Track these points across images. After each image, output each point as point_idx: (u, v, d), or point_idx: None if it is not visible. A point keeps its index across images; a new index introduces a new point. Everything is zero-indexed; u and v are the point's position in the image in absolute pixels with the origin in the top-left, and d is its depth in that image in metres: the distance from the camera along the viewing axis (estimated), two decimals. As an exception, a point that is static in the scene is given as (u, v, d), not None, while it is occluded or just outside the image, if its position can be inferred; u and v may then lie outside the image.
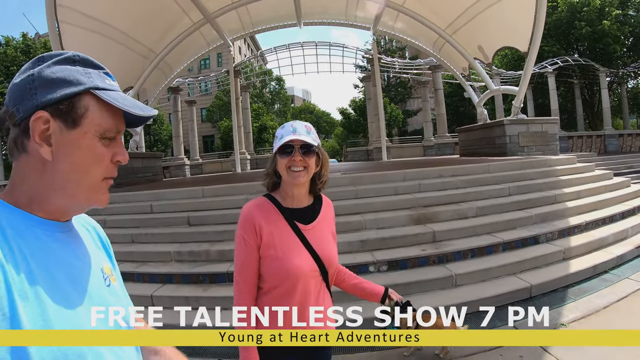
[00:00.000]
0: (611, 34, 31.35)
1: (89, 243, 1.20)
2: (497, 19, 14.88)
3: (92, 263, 1.14)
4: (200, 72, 50.66)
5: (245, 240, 2.04)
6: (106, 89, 1.06)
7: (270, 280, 2.04)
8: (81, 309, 1.00)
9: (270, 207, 2.13)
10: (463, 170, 9.69)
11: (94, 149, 1.04)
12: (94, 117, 1.03)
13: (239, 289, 2.04)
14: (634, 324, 4.88)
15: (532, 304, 5.65)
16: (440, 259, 6.50)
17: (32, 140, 0.98)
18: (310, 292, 2.08)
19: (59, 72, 1.00)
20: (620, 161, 22.21)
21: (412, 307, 2.24)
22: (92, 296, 1.05)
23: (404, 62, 32.87)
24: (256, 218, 2.06)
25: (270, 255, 2.03)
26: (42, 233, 1.01)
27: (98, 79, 1.06)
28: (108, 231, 5.36)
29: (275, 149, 2.04)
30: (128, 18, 14.71)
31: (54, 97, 0.98)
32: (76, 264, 1.06)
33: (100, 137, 1.05)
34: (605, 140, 27.71)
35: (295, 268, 2.01)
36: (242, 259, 2.05)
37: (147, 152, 25.21)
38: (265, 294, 2.06)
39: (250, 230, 2.04)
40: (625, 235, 7.87)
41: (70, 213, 1.12)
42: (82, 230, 1.21)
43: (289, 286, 2.02)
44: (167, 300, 6.17)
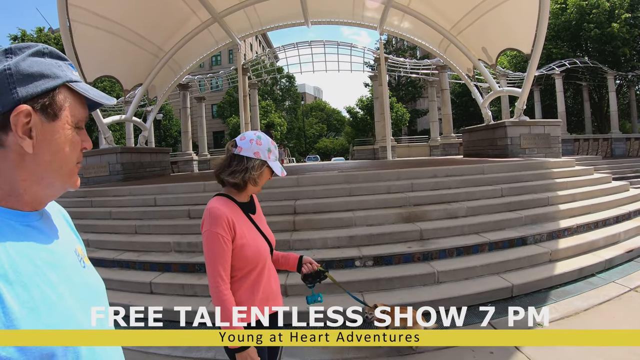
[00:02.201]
0: (620, 37, 31.05)
1: (61, 227, 1.22)
2: (501, 21, 14.87)
3: (67, 246, 1.18)
4: (212, 69, 51.01)
5: (222, 236, 2.29)
6: (77, 80, 1.11)
7: (245, 266, 2.37)
8: (64, 291, 1.02)
9: (232, 204, 2.47)
10: (457, 170, 9.75)
11: (72, 139, 1.09)
12: (70, 109, 1.08)
13: (222, 280, 2.28)
14: (611, 326, 4.94)
15: (512, 303, 5.73)
16: (425, 257, 6.61)
17: (12, 134, 0.99)
18: (270, 270, 2.57)
19: (36, 66, 1.02)
20: (626, 165, 21.99)
21: (326, 275, 2.70)
22: (71, 278, 1.08)
23: (413, 62, 32.79)
24: (228, 215, 2.35)
25: (244, 244, 2.36)
26: (18, 224, 1.03)
27: (69, 71, 1.09)
28: (113, 222, 5.74)
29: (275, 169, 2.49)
30: (138, 17, 14.93)
31: (36, 91, 1.01)
32: (53, 249, 1.08)
33: (74, 127, 1.10)
34: (612, 144, 27.52)
35: (263, 250, 2.47)
36: (220, 253, 2.29)
37: (156, 147, 25.44)
38: (239, 280, 2.39)
39: (225, 227, 2.31)
40: (617, 239, 7.87)
41: (46, 200, 1.15)
42: (52, 215, 1.23)
43: (261, 266, 2.44)
44: (164, 287, 6.53)
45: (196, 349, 4.93)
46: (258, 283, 2.43)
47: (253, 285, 2.41)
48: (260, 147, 2.43)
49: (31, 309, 0.91)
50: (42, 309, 0.93)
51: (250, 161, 2.41)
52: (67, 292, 1.03)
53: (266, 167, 2.46)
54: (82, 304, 1.08)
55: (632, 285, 6.15)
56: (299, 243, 6.91)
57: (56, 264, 1.05)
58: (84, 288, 1.13)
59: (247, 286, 2.40)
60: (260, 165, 2.44)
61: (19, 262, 0.94)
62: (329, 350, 4.71)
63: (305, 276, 2.67)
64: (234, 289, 2.35)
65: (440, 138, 28.96)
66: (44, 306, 0.94)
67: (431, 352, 4.53)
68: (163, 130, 46.54)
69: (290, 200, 8.42)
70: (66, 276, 1.07)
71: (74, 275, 1.11)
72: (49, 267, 1.02)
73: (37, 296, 0.94)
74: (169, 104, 43.19)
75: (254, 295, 2.40)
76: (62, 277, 1.05)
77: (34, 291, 0.93)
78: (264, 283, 2.45)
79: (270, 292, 2.50)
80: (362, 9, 19.94)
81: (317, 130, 69.99)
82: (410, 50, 52.81)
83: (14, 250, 0.95)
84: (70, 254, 1.17)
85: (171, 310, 5.89)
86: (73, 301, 1.04)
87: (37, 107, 1.01)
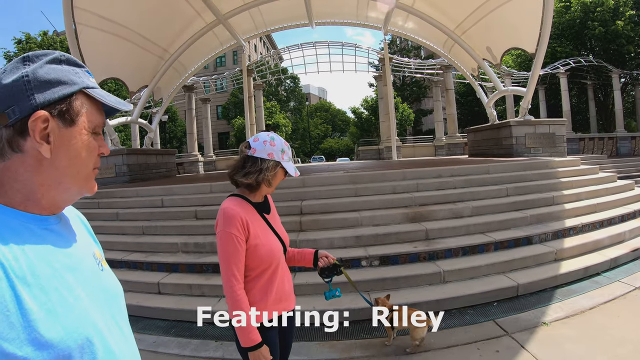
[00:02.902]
0: (625, 35, 31.06)
1: (79, 231, 1.24)
2: (505, 20, 14.88)
3: (85, 250, 1.19)
4: (216, 70, 51.13)
5: (236, 236, 2.33)
6: (94, 87, 1.12)
7: (258, 265, 2.42)
8: (82, 293, 1.04)
9: (246, 204, 2.51)
10: (462, 170, 9.77)
11: (88, 144, 1.11)
12: (87, 115, 1.10)
13: (236, 279, 2.34)
14: (617, 325, 4.96)
15: (518, 302, 5.78)
16: (431, 256, 6.64)
17: (30, 140, 1.00)
18: (284, 270, 2.61)
19: (53, 73, 1.04)
20: (632, 164, 22.03)
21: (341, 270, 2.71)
22: (89, 281, 1.10)
23: (417, 62, 32.78)
24: (242, 216, 2.38)
25: (258, 244, 2.39)
26: (37, 227, 1.05)
27: (85, 78, 1.11)
28: (120, 223, 5.80)
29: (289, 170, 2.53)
30: (143, 20, 15.01)
31: (53, 97, 1.02)
32: (71, 252, 1.10)
33: (91, 132, 1.12)
34: (617, 143, 27.49)
35: (276, 249, 2.49)
36: (234, 252, 2.34)
37: (162, 149, 25.49)
38: (253, 280, 2.44)
39: (239, 227, 2.34)
40: (623, 238, 7.89)
41: (63, 205, 1.16)
42: (70, 219, 1.24)
43: (274, 266, 2.48)
44: (172, 287, 6.60)
45: (204, 348, 5.00)
46: (271, 283, 2.47)
47: (266, 284, 2.45)
48: (274, 148, 2.45)
49: (49, 311, 0.92)
50: (60, 310, 0.95)
51: (264, 162, 2.44)
52: (85, 295, 1.05)
53: (280, 168, 2.49)
54: (99, 307, 1.10)
55: (637, 284, 6.16)
56: (306, 243, 6.90)
57: (74, 267, 1.07)
58: (102, 291, 1.15)
59: (260, 286, 2.44)
60: (274, 166, 2.47)
61: (37, 265, 0.96)
62: (336, 348, 4.75)
63: (322, 270, 2.69)
64: (248, 288, 2.41)
65: (445, 138, 28.92)
66: (61, 308, 0.96)
67: (437, 351, 4.57)
68: (168, 132, 46.67)
69: (296, 200, 8.46)
70: (84, 279, 1.09)
71: (91, 278, 1.13)
72: (66, 269, 1.04)
73: (54, 298, 0.95)
74: (174, 106, 43.30)
75: (267, 295, 2.44)
76: (80, 279, 1.07)
77: (52, 293, 0.95)
78: (277, 283, 2.49)
79: (283, 292, 2.54)
80: (366, 9, 19.95)
81: (322, 131, 70.12)
82: (414, 50, 52.77)
83: (32, 253, 0.97)
84: (88, 257, 1.18)
85: (180, 310, 5.99)
86: (90, 303, 1.06)
87: (55, 113, 1.03)
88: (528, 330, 4.93)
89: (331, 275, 2.69)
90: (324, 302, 2.86)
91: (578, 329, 4.91)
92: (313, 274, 5.98)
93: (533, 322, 5.14)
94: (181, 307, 6.02)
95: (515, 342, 4.62)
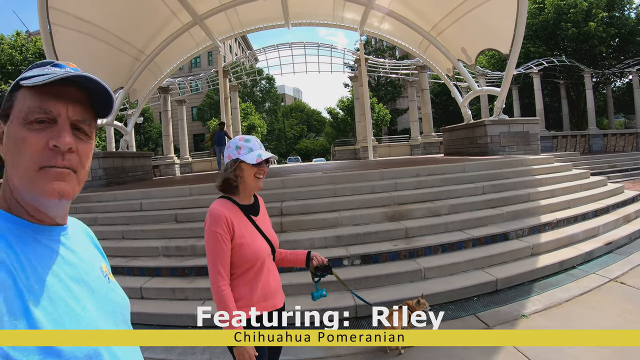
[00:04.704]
0: (597, 36, 31.66)
1: (86, 244, 1.24)
2: (480, 22, 15.04)
3: (92, 262, 1.18)
4: (191, 71, 50.72)
5: (221, 235, 2.47)
6: (34, 75, 1.02)
7: (243, 264, 2.53)
8: (88, 304, 1.04)
9: (233, 206, 2.63)
10: (439, 169, 9.92)
11: (16, 136, 1.01)
12: (17, 105, 1.03)
13: (221, 276, 2.46)
14: (593, 315, 5.13)
15: (497, 296, 5.90)
16: (411, 254, 6.74)
17: None
18: (270, 269, 2.68)
19: None
20: (604, 160, 22.44)
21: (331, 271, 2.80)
22: (96, 293, 1.10)
23: (392, 62, 32.96)
24: (227, 216, 2.52)
25: (242, 244, 2.51)
26: (44, 238, 1.04)
27: (32, 72, 1.05)
28: (99, 228, 5.73)
29: (247, 160, 2.54)
30: (119, 20, 14.83)
31: (3, 101, 1.04)
32: (78, 265, 1.09)
33: (24, 123, 1.01)
34: (590, 140, 28.03)
35: (261, 250, 2.59)
36: (220, 251, 2.48)
37: (138, 152, 25.20)
38: (238, 277, 2.55)
39: (224, 227, 2.48)
40: (596, 232, 8.10)
41: (54, 213, 1.10)
42: (77, 232, 1.23)
43: (258, 266, 2.57)
44: (155, 292, 6.54)
45: (191, 352, 4.98)
46: (256, 280, 2.56)
47: (251, 282, 2.55)
48: (230, 150, 2.61)
49: (56, 321, 0.92)
50: (67, 321, 0.95)
51: (227, 164, 2.62)
52: (91, 306, 1.05)
53: (240, 163, 2.58)
54: (106, 318, 1.10)
55: (611, 276, 6.35)
56: (287, 244, 6.86)
57: (80, 278, 1.07)
58: (108, 302, 1.15)
59: (245, 283, 2.54)
60: (233, 163, 2.59)
61: (45, 276, 0.96)
62: (322, 347, 4.79)
63: (316, 268, 2.78)
64: (234, 285, 2.52)
65: (421, 137, 29.14)
66: (68, 319, 0.95)
67: (421, 346, 4.61)
68: (143, 133, 46.22)
69: (277, 202, 8.47)
70: (90, 290, 1.08)
71: (98, 290, 1.12)
72: (73, 281, 1.04)
73: (62, 309, 0.95)
74: (150, 107, 42.94)
75: (252, 292, 2.54)
76: (87, 291, 1.07)
77: (59, 304, 0.95)
78: (262, 281, 2.58)
79: (268, 290, 2.62)
80: (342, 10, 20.02)
81: (298, 131, 70.06)
82: (389, 51, 52.98)
83: (39, 264, 0.97)
84: (95, 270, 1.18)
85: (164, 315, 5.97)
86: (97, 314, 1.06)
87: (2, 114, 1.05)
88: (508, 322, 5.05)
89: (323, 274, 2.78)
90: (308, 302, 2.92)
91: (556, 320, 5.03)
92: (297, 275, 6.05)
93: (513, 315, 5.27)
94: (165, 311, 6.00)
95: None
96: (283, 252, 2.91)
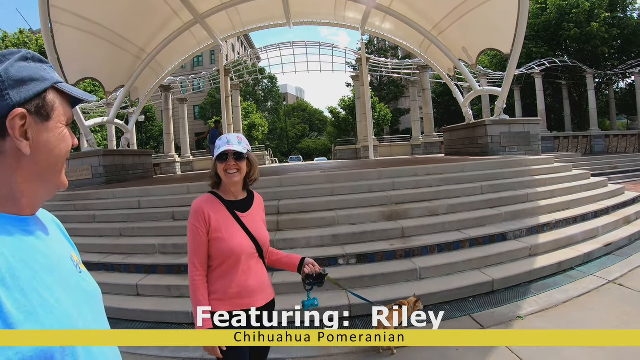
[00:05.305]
0: (599, 36, 31.52)
1: (55, 234, 1.24)
2: (481, 22, 14.98)
3: (62, 252, 1.19)
4: (194, 70, 50.79)
5: (197, 228, 2.58)
6: (62, 81, 1.14)
7: (219, 257, 2.60)
8: (61, 295, 1.03)
9: (215, 200, 2.71)
10: (438, 169, 9.88)
11: (64, 136, 1.13)
12: (60, 108, 1.11)
13: (195, 268, 2.58)
14: (590, 317, 5.08)
15: (493, 297, 5.86)
16: (408, 254, 6.70)
17: (9, 140, 1.01)
18: (251, 267, 2.68)
19: (25, 71, 1.05)
20: (605, 161, 22.38)
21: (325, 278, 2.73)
22: (68, 282, 1.10)
23: (394, 62, 32.92)
24: (205, 209, 2.62)
25: (218, 237, 2.59)
26: (14, 229, 1.04)
27: (53, 73, 1.12)
28: (97, 225, 5.72)
29: (214, 157, 2.67)
30: (120, 19, 14.81)
31: (29, 94, 1.03)
32: (49, 254, 1.09)
33: (65, 125, 1.13)
34: (592, 141, 27.95)
35: (237, 246, 2.61)
36: (196, 243, 2.58)
37: (139, 150, 25.19)
38: (214, 270, 2.63)
39: (201, 220, 2.59)
40: (596, 233, 8.04)
41: (41, 201, 1.16)
42: (46, 222, 1.23)
43: (233, 261, 2.60)
44: (151, 289, 6.56)
45: (184, 349, 4.96)
46: (231, 276, 2.61)
47: (225, 277, 2.61)
48: (215, 151, 2.68)
49: (29, 313, 0.92)
50: (40, 312, 0.94)
51: None
52: (64, 296, 1.04)
53: (215, 161, 2.69)
54: (79, 308, 1.09)
55: (610, 277, 6.30)
56: (283, 243, 6.94)
57: (53, 269, 1.07)
58: (81, 292, 1.15)
59: (219, 276, 2.61)
60: (214, 162, 2.70)
61: (16, 267, 0.95)
62: (315, 346, 4.74)
63: (307, 276, 2.72)
64: (210, 278, 2.62)
65: (422, 137, 29.04)
66: (42, 310, 0.95)
67: (414, 347, 4.56)
68: (145, 132, 46.26)
69: (274, 200, 8.42)
70: (63, 280, 1.08)
71: (70, 280, 1.12)
72: (45, 271, 1.03)
73: (34, 300, 0.95)
74: (153, 106, 42.96)
75: (226, 287, 2.60)
76: (59, 281, 1.06)
77: (32, 295, 0.95)
78: (238, 278, 2.62)
79: (245, 288, 2.63)
80: (344, 9, 19.94)
81: (300, 131, 70.11)
82: (392, 50, 52.98)
83: (11, 255, 0.96)
84: (66, 259, 1.18)
85: (159, 312, 5.95)
86: (70, 305, 1.05)
87: (32, 110, 1.04)
88: (504, 324, 5.01)
89: (315, 283, 2.72)
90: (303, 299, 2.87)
91: (553, 322, 4.99)
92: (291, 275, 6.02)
93: (509, 316, 5.23)
94: (160, 308, 6.00)
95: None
96: (279, 254, 2.96)
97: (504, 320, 5.10)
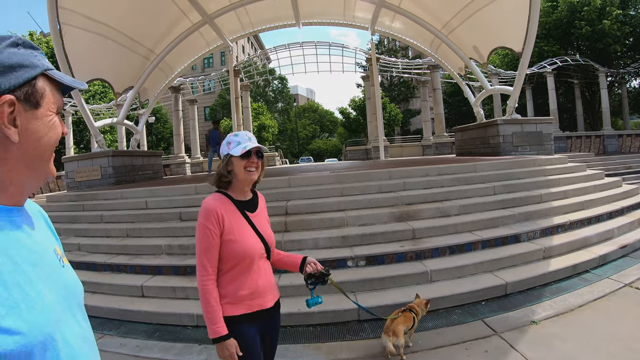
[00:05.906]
0: (611, 34, 31.24)
1: (40, 226, 1.23)
2: (492, 20, 14.87)
3: (46, 244, 1.17)
4: (204, 71, 51.09)
5: (210, 229, 2.45)
6: (52, 68, 1.12)
7: (231, 260, 2.49)
8: (44, 289, 1.02)
9: (227, 201, 2.60)
10: (449, 169, 9.75)
11: (54, 125, 1.11)
12: (50, 95, 1.10)
13: (206, 271, 2.45)
14: (607, 322, 4.92)
15: (506, 301, 5.73)
16: (418, 255, 6.58)
17: None
18: (261, 268, 2.60)
19: (15, 57, 1.03)
20: (619, 161, 22.19)
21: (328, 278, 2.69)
22: (51, 276, 1.09)
23: (405, 62, 32.84)
24: (218, 210, 2.49)
25: (231, 240, 2.47)
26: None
27: (44, 60, 1.11)
28: (104, 226, 5.71)
29: (234, 153, 2.53)
30: (129, 20, 14.89)
31: (18, 81, 1.02)
32: (33, 247, 1.08)
33: (55, 113, 1.12)
34: (605, 141, 27.73)
35: (250, 247, 2.52)
36: (207, 245, 2.45)
37: (148, 151, 25.33)
38: (226, 273, 2.51)
39: (214, 221, 2.46)
40: (611, 235, 7.87)
41: (29, 191, 1.15)
42: (33, 214, 1.23)
43: (247, 264, 2.51)
44: (156, 290, 6.51)
45: (188, 352, 4.94)
46: (244, 278, 2.52)
47: (239, 279, 2.51)
48: (223, 147, 2.63)
49: (11, 307, 0.90)
50: (22, 306, 0.93)
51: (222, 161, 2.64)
52: (47, 290, 1.03)
53: (230, 157, 2.58)
54: (61, 302, 1.08)
55: (626, 280, 6.15)
56: (291, 244, 6.87)
57: (36, 262, 1.05)
58: (63, 287, 1.13)
59: (232, 280, 2.51)
60: (224, 159, 2.60)
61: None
62: (322, 350, 4.68)
63: (309, 275, 2.68)
64: (221, 281, 2.50)
65: (433, 137, 28.92)
66: (24, 304, 0.94)
67: (425, 351, 4.51)
68: (155, 134, 46.46)
69: (282, 201, 8.37)
70: (46, 274, 1.06)
71: (53, 274, 1.10)
72: (28, 264, 1.01)
73: (16, 294, 0.93)
74: (163, 107, 43.15)
75: (238, 290, 2.50)
76: (42, 275, 1.04)
77: (14, 289, 0.93)
78: (250, 279, 2.53)
79: (255, 289, 2.55)
80: (353, 9, 19.94)
81: (310, 132, 70.25)
82: (402, 51, 53.03)
83: None
84: (50, 253, 1.16)
85: (163, 314, 5.88)
86: (53, 299, 1.04)
87: (21, 97, 1.02)
88: (517, 329, 4.88)
89: (317, 283, 2.68)
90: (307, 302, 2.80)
91: (568, 327, 4.85)
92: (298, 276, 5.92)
93: (522, 321, 5.09)
94: (165, 310, 5.94)
95: (505, 341, 4.56)
96: (281, 254, 2.88)
97: (517, 326, 4.96)
